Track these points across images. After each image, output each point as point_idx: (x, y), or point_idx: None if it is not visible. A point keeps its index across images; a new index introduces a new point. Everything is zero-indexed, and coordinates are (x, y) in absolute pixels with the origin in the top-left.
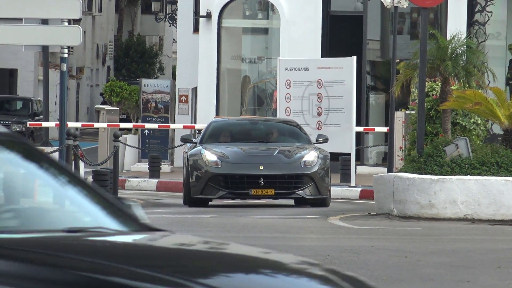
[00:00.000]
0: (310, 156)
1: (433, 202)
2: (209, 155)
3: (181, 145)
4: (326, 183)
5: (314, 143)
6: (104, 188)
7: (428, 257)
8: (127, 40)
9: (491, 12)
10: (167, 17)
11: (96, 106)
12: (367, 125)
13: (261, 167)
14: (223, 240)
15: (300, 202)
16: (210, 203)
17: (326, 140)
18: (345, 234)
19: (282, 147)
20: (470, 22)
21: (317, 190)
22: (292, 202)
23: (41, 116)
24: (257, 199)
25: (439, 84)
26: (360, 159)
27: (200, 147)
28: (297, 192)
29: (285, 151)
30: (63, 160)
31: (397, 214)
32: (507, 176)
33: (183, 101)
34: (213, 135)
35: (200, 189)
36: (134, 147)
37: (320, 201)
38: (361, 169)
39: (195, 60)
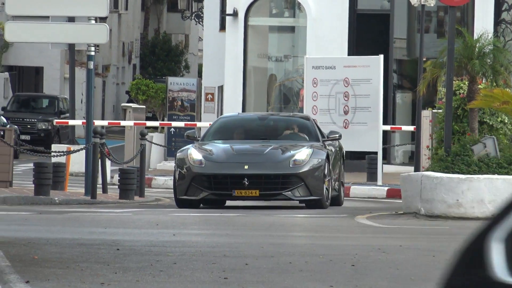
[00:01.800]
0: (301, 154)
1: (461, 201)
2: (195, 154)
3: None
4: (320, 184)
5: (323, 140)
6: (131, 186)
7: None
8: (153, 38)
9: None
10: (193, 15)
11: (122, 104)
12: (394, 123)
13: (246, 167)
14: None
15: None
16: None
17: (337, 137)
18: (372, 233)
19: (277, 145)
20: (497, 21)
21: (308, 191)
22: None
23: (67, 114)
24: (241, 200)
25: (466, 83)
26: (386, 158)
27: (191, 145)
28: (284, 193)
29: (278, 148)
30: (90, 158)
31: (424, 213)
32: None
33: (209, 99)
34: (217, 132)
35: (185, 190)
36: (160, 145)
37: (313, 202)
38: (388, 168)
39: (221, 58)
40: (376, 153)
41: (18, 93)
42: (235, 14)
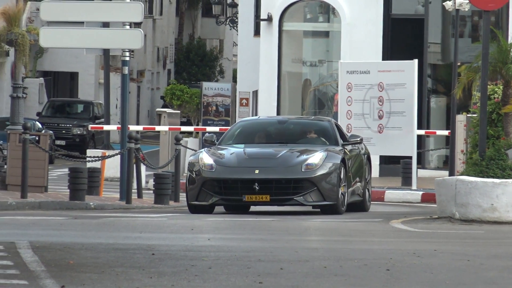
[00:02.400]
0: (314, 158)
1: (495, 206)
2: (206, 158)
3: None
4: (334, 188)
5: (342, 144)
6: (165, 191)
7: (491, 260)
8: (188, 43)
9: None
10: (228, 20)
11: (157, 109)
12: (428, 128)
13: (257, 171)
14: None
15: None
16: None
17: (359, 141)
18: (407, 237)
19: (291, 149)
20: None
21: (321, 196)
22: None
23: (102, 119)
24: (252, 206)
25: (501, 87)
26: (421, 163)
27: (204, 149)
28: (295, 198)
29: (291, 153)
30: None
31: (459, 217)
32: None
33: (244, 104)
34: (236, 136)
35: (196, 195)
36: (195, 150)
37: (328, 207)
38: (422, 173)
39: (256, 63)
40: (410, 157)
41: (53, 98)
42: (269, 19)
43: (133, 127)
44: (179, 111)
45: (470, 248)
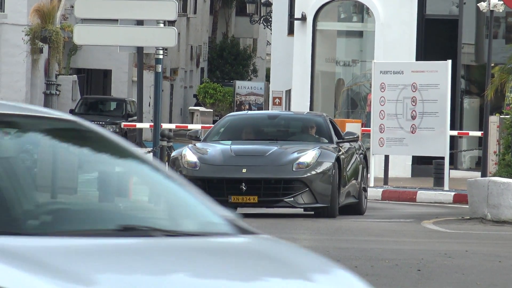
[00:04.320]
0: (307, 157)
1: None
2: (190, 156)
3: None
4: (328, 189)
5: (337, 142)
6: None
7: None
8: (221, 42)
9: None
10: (262, 19)
11: (190, 107)
12: (461, 129)
13: (244, 170)
14: None
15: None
16: None
17: (355, 138)
18: (438, 238)
19: (281, 147)
20: None
21: (313, 197)
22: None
23: (135, 117)
24: (240, 207)
25: None
26: (453, 163)
27: (187, 146)
28: (285, 199)
29: (281, 151)
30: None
31: (491, 218)
32: None
33: (277, 103)
34: (223, 132)
35: None
36: None
37: (320, 210)
38: (455, 173)
39: (289, 62)
40: (443, 158)
41: (86, 95)
42: (303, 18)
43: (165, 125)
44: (212, 110)
45: (502, 249)
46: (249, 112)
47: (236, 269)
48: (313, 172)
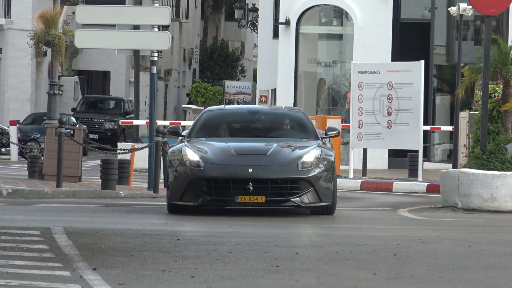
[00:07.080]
0: (310, 156)
1: (495, 196)
2: (191, 154)
3: None
4: (329, 188)
5: (322, 138)
6: None
7: (491, 246)
8: (212, 45)
9: None
10: (249, 23)
11: (183, 105)
12: (433, 124)
13: (250, 170)
14: None
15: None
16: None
17: (336, 134)
18: (413, 225)
19: (280, 144)
20: None
21: (317, 196)
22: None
23: (132, 115)
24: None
25: (501, 86)
26: (427, 156)
27: (183, 143)
28: (292, 199)
29: (282, 149)
30: (153, 156)
31: (461, 206)
32: None
33: (263, 101)
34: (204, 128)
35: (180, 194)
36: None
37: (322, 209)
38: (428, 165)
39: (274, 63)
40: (417, 151)
41: (87, 95)
42: (287, 22)
43: (160, 122)
44: (203, 107)
45: (472, 235)
46: (227, 107)
47: None
48: (317, 172)
